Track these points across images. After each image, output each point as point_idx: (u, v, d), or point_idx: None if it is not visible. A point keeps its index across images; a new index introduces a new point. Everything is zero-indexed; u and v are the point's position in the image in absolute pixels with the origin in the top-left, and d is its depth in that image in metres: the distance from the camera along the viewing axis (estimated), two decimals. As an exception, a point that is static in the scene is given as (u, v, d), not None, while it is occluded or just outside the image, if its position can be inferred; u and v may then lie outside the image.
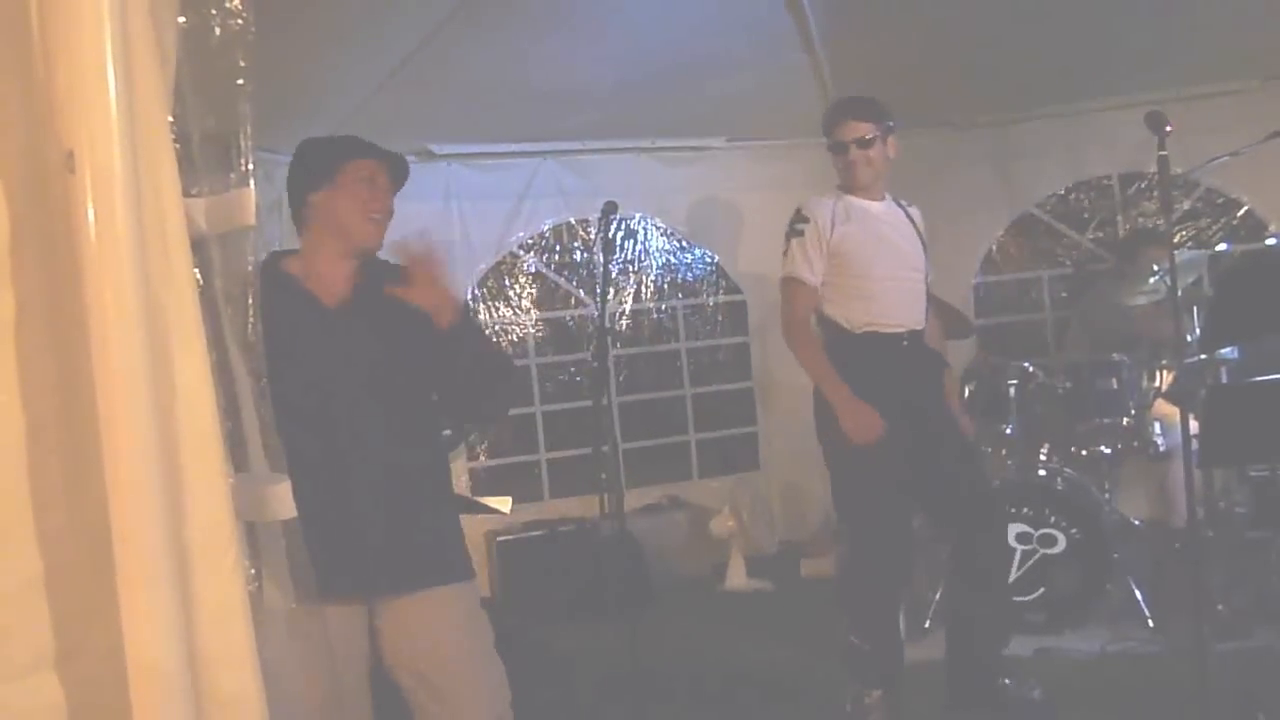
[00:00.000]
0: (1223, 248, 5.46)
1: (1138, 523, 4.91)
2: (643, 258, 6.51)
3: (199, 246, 1.15)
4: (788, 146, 6.00)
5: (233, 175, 1.20)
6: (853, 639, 3.53)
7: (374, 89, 4.72)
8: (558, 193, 6.11)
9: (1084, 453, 4.65)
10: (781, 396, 6.17)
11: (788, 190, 4.72)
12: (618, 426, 5.63)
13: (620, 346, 6.45)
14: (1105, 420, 4.58)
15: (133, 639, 1.00)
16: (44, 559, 1.07)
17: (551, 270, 6.40)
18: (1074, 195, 6.26)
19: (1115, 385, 4.55)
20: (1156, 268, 4.44)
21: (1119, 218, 6.17)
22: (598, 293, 3.49)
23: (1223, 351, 4.28)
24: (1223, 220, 5.94)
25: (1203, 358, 4.24)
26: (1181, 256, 3.91)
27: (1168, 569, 4.57)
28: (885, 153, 3.55)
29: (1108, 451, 4.65)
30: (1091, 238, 6.33)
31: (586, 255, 6.38)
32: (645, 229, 6.47)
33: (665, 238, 6.55)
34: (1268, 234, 5.74)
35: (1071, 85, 5.54)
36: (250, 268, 1.21)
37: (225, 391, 1.15)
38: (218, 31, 1.16)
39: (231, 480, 1.13)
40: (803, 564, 5.75)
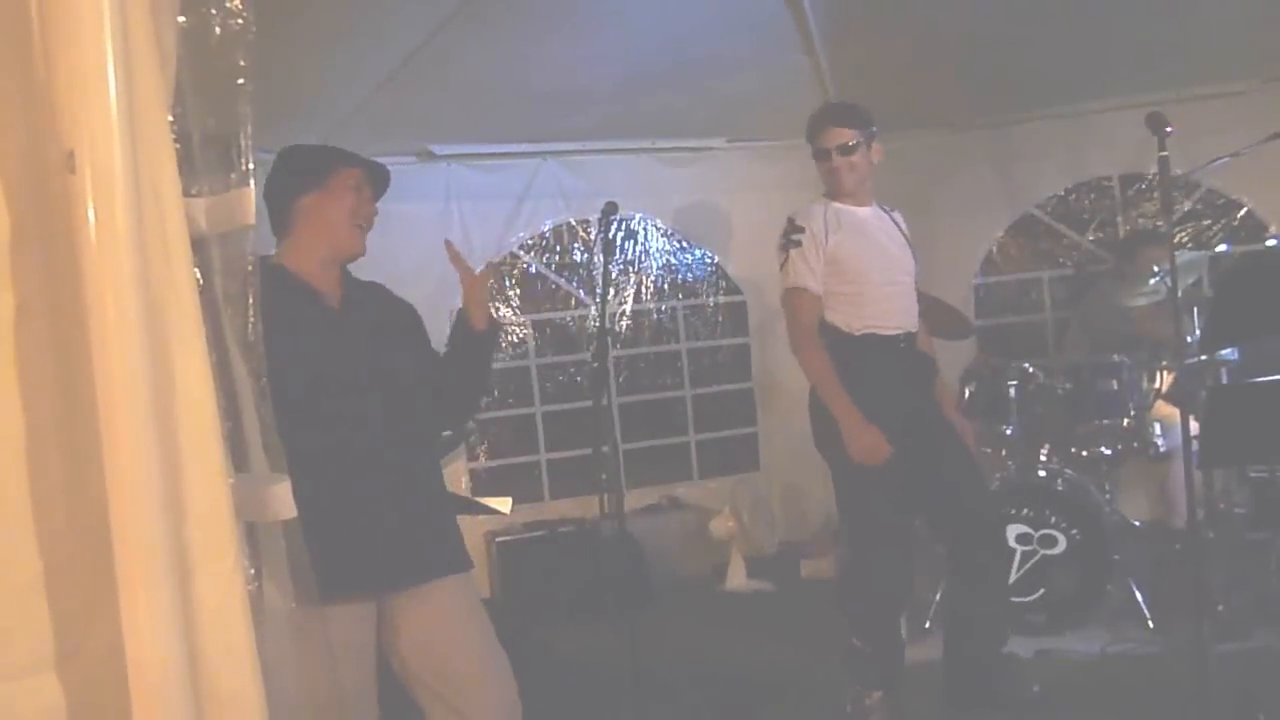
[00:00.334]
0: (1223, 249, 5.46)
1: (1138, 524, 4.91)
2: (643, 258, 6.51)
3: (199, 246, 1.15)
4: (788, 147, 5.96)
5: (233, 175, 1.20)
6: (853, 640, 3.53)
7: (374, 89, 4.72)
8: (558, 193, 6.11)
9: (1084, 454, 4.65)
10: (781, 397, 6.16)
11: (788, 191, 4.73)
12: (618, 427, 5.64)
13: (620, 347, 6.46)
14: (1105, 421, 4.58)
15: (133, 639, 1.00)
16: (44, 559, 1.07)
17: (552, 271, 6.40)
18: (1074, 196, 6.26)
19: (1115, 386, 4.55)
20: (1157, 268, 4.44)
21: (1119, 219, 6.17)
22: (598, 293, 3.49)
23: (1223, 352, 4.29)
24: (1223, 221, 5.94)
25: (1203, 359, 4.24)
26: (1182, 257, 3.91)
27: (1168, 570, 4.57)
28: (868, 158, 3.55)
29: (1108, 452, 4.65)
30: (1092, 239, 6.33)
31: (587, 256, 6.39)
32: (645, 229, 6.47)
33: (665, 238, 6.55)
34: (1268, 235, 5.74)
35: (1072, 86, 5.53)
36: (250, 267, 1.21)
37: (225, 391, 1.15)
38: (218, 31, 1.16)
39: (232, 480, 1.13)
40: (803, 564, 5.75)
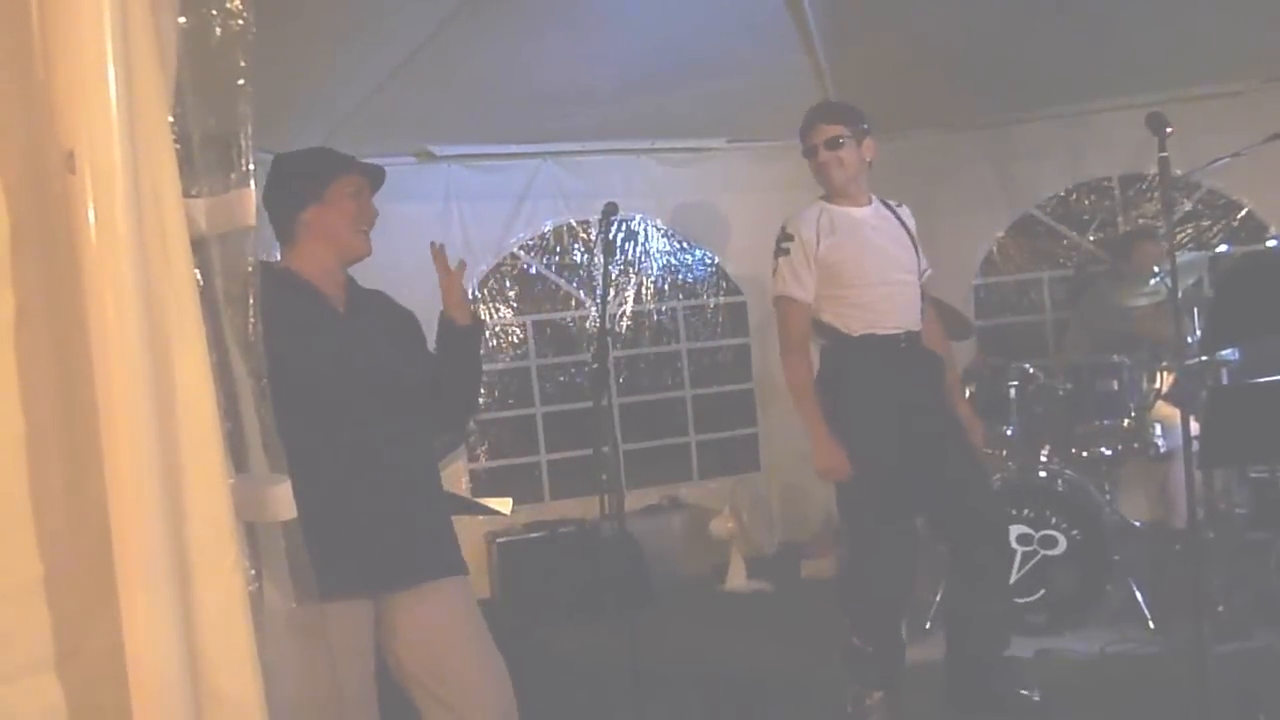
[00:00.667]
0: (1223, 249, 5.46)
1: (1138, 524, 4.91)
2: (643, 259, 6.51)
3: (199, 247, 1.14)
4: (788, 147, 5.88)
5: (233, 175, 1.20)
6: (854, 640, 3.53)
7: (373, 89, 4.72)
8: (558, 194, 6.11)
9: (1084, 454, 4.65)
10: (782, 398, 6.08)
11: (788, 191, 4.73)
12: (618, 428, 5.63)
13: (620, 348, 6.45)
14: (1105, 421, 4.59)
15: (132, 640, 1.00)
16: (43, 560, 1.07)
17: (552, 271, 6.40)
18: (1074, 196, 6.26)
19: (1115, 386, 4.55)
20: (1156, 268, 4.44)
21: (1119, 219, 6.17)
22: (598, 294, 3.49)
23: (1223, 353, 4.29)
24: (1223, 222, 5.94)
25: (1203, 359, 4.24)
26: (1182, 258, 3.91)
27: (1168, 570, 4.57)
28: (859, 154, 3.52)
29: (1108, 453, 4.65)
30: (1092, 239, 6.33)
31: (587, 256, 6.39)
32: (645, 230, 6.47)
33: (665, 239, 6.55)
34: (1268, 235, 5.74)
35: (1072, 86, 5.53)
36: (251, 268, 1.21)
37: (225, 392, 1.15)
38: (218, 32, 1.16)
39: (232, 481, 1.13)
40: (803, 565, 5.75)
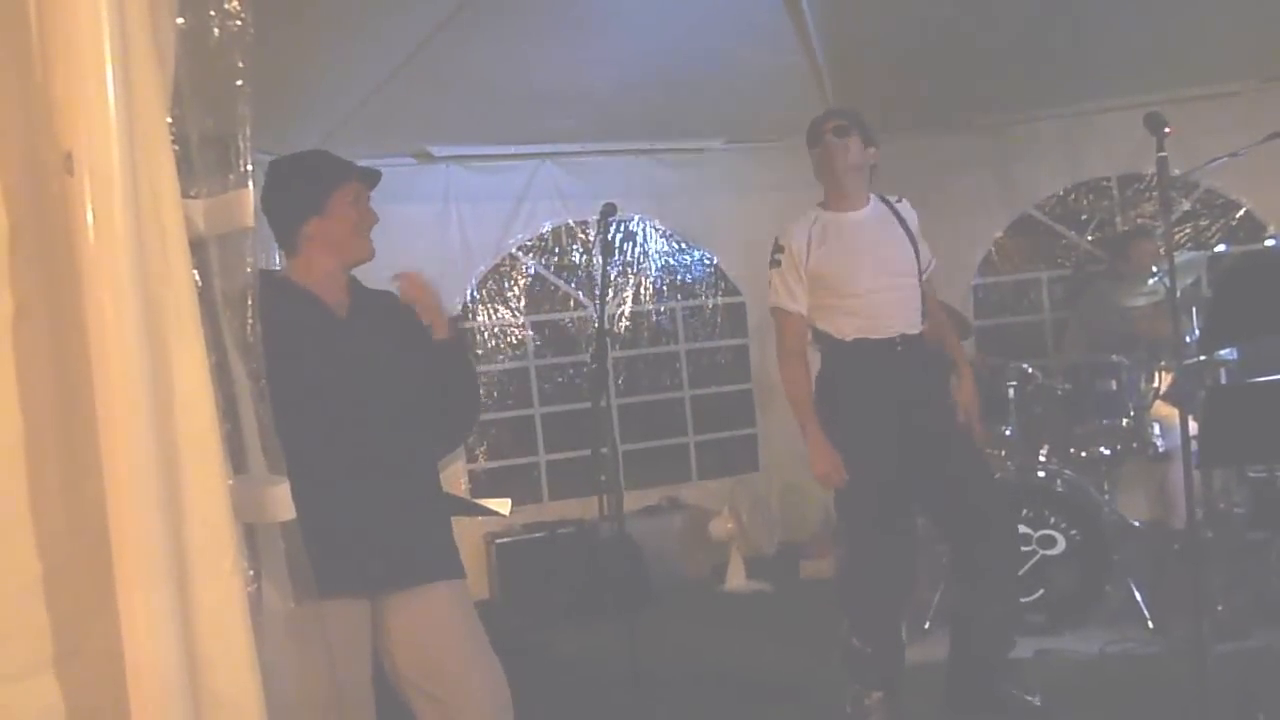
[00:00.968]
0: (1221, 249, 5.46)
1: (1137, 524, 4.91)
2: (642, 259, 6.51)
3: (198, 248, 1.15)
4: (787, 148, 5.95)
5: (231, 176, 1.20)
6: (853, 641, 3.52)
7: (373, 90, 4.72)
8: (556, 195, 6.11)
9: (1083, 454, 4.64)
10: (781, 398, 6.05)
11: (787, 192, 4.72)
12: (617, 428, 5.63)
13: (619, 348, 6.45)
14: (1104, 421, 4.58)
15: (131, 641, 1.00)
16: (42, 560, 1.07)
17: (550, 272, 6.40)
18: (1073, 196, 6.27)
19: (1114, 386, 4.55)
20: (1155, 268, 4.44)
21: (1118, 219, 6.17)
22: (597, 295, 3.49)
23: (1221, 352, 4.29)
24: (1221, 221, 5.94)
25: (1202, 359, 4.24)
26: (1180, 257, 3.91)
27: (1167, 570, 4.57)
28: (863, 152, 3.51)
29: (1107, 453, 4.65)
30: (1090, 239, 6.33)
31: (585, 257, 6.39)
32: (644, 231, 6.47)
33: (664, 239, 6.55)
34: (1266, 235, 5.75)
35: (1071, 87, 5.54)
36: (249, 269, 1.21)
37: (224, 393, 1.15)
38: (216, 33, 1.16)
39: (230, 482, 1.13)
40: (802, 565, 5.74)
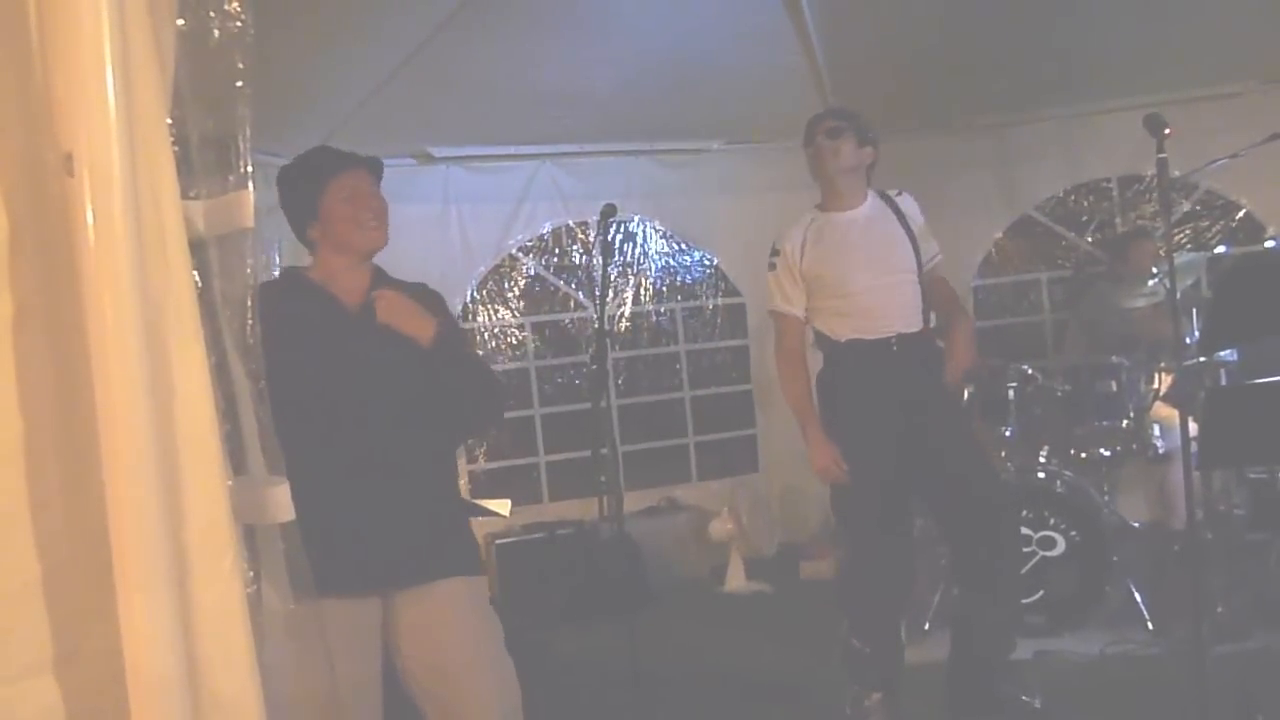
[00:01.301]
0: (1221, 250, 5.46)
1: (1137, 525, 4.91)
2: (641, 260, 6.52)
3: (197, 249, 1.15)
4: (786, 149, 5.93)
5: (231, 177, 1.20)
6: (853, 641, 3.52)
7: (372, 91, 4.72)
8: (556, 195, 6.11)
9: (1083, 455, 4.64)
10: (780, 399, 6.12)
11: (787, 192, 4.72)
12: (617, 429, 5.64)
13: (619, 349, 6.45)
14: (1104, 423, 4.58)
15: (131, 642, 0.99)
16: (42, 561, 1.07)
17: (550, 273, 6.41)
18: (1073, 198, 6.28)
19: (1114, 388, 4.54)
20: (1155, 270, 4.44)
21: (1118, 220, 6.18)
22: (596, 295, 3.49)
23: (1221, 354, 4.29)
24: (1221, 222, 5.94)
25: (1201, 360, 4.24)
26: (1180, 259, 3.90)
27: (1167, 571, 4.57)
28: (857, 153, 3.51)
29: (1107, 454, 4.65)
30: (1090, 240, 6.33)
31: (585, 258, 6.39)
32: (644, 231, 6.47)
33: (664, 240, 6.56)
34: (1266, 236, 5.75)
35: (1070, 88, 5.54)
36: (249, 270, 1.21)
37: (224, 394, 1.15)
38: (216, 34, 1.16)
39: (230, 483, 1.13)
40: (802, 566, 5.75)
